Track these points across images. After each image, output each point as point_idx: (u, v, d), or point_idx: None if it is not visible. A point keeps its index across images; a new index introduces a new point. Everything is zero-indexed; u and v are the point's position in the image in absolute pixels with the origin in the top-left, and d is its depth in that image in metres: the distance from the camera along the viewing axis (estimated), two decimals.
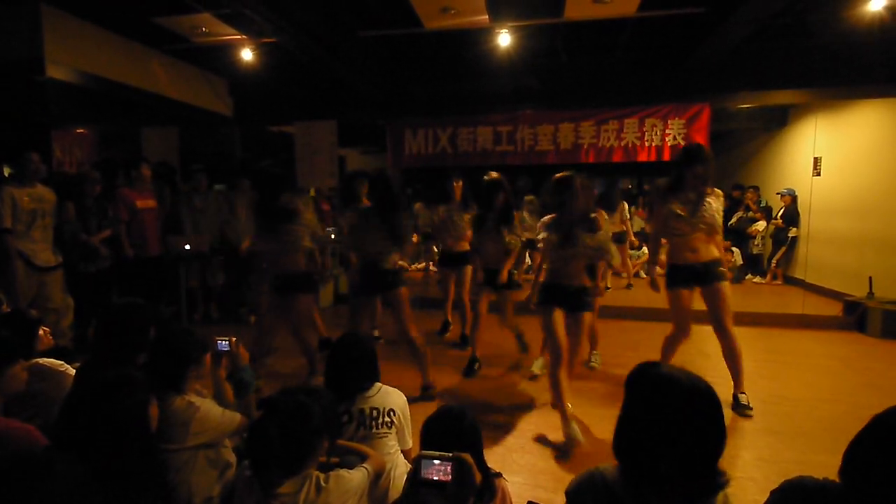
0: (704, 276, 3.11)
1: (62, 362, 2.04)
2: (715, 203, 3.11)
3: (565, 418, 2.70)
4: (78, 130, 6.40)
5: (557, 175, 2.93)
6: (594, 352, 4.03)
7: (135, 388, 1.40)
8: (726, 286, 3.12)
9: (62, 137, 6.07)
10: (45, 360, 2.01)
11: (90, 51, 4.82)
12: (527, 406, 3.30)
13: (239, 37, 5.14)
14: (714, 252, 3.15)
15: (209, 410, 1.77)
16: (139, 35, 5.21)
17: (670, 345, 3.30)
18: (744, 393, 3.19)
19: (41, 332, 2.08)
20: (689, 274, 3.15)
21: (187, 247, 4.82)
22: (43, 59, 4.25)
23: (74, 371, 1.97)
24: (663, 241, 3.34)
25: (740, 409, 3.13)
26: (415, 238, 3.37)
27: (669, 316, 3.32)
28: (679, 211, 3.07)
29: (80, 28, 4.70)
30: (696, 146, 3.18)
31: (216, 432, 1.77)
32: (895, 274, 5.27)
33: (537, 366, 3.83)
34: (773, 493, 1.09)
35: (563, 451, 2.68)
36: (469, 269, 4.41)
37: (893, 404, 0.98)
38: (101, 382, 1.38)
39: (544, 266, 3.06)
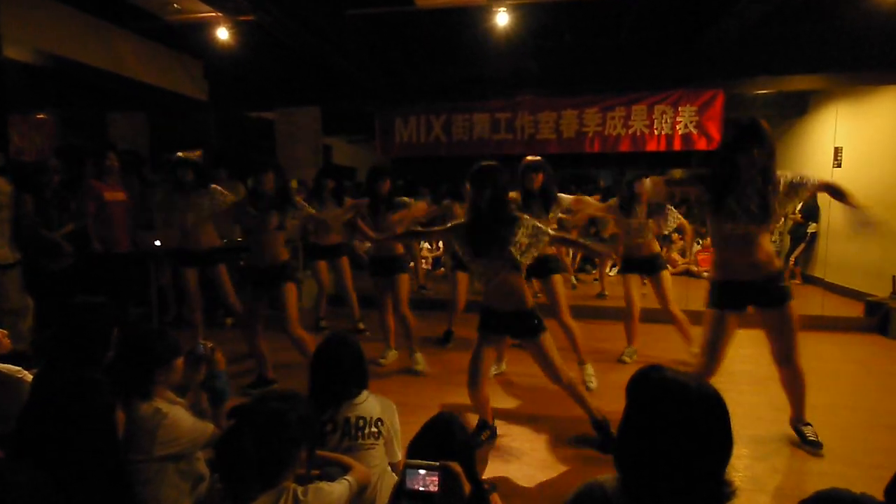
0: (765, 294, 2.58)
1: (19, 368, 2.03)
2: (780, 188, 2.48)
3: None
4: (38, 115, 6.33)
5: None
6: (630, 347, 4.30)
7: (97, 391, 1.39)
8: (794, 307, 2.63)
9: (20, 123, 5.99)
10: (2, 365, 1.99)
11: (51, 29, 4.78)
12: (523, 415, 3.31)
13: (214, 14, 5.09)
14: (776, 260, 2.64)
15: (178, 419, 1.77)
16: (105, 12, 5.17)
17: None
18: (809, 424, 2.83)
19: None
20: (746, 292, 2.61)
21: (157, 243, 4.80)
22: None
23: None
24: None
25: (809, 445, 2.78)
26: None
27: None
28: (735, 208, 2.50)
29: (41, 4, 4.65)
30: (748, 121, 2.45)
31: (186, 442, 1.77)
32: None
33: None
34: (801, 503, 1.09)
35: None
36: None
37: None
38: (61, 387, 1.38)
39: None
